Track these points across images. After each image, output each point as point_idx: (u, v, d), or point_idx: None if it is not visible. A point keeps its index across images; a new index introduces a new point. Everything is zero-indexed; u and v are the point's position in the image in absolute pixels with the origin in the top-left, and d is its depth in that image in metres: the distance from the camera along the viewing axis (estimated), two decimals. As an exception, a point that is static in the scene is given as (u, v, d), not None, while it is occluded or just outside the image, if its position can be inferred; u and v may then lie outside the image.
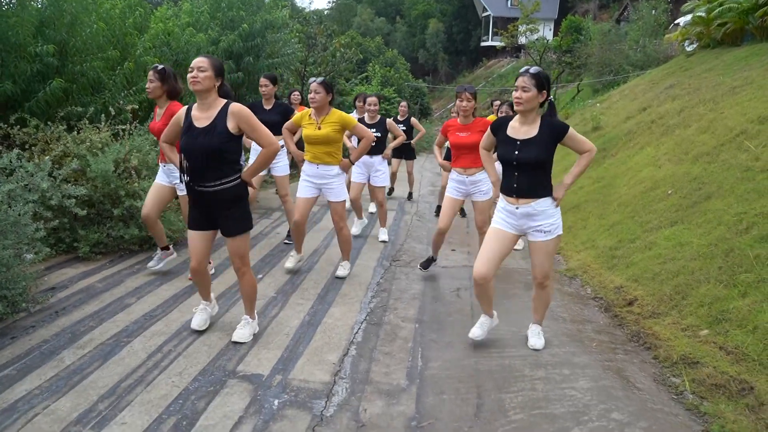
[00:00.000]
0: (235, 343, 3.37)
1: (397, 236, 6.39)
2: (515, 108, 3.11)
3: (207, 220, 3.19)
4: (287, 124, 4.61)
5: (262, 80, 5.30)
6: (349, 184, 6.03)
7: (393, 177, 8.23)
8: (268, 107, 5.34)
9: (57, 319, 3.60)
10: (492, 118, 8.67)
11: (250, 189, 3.25)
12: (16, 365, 2.99)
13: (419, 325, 3.87)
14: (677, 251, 4.39)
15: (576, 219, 6.47)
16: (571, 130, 3.14)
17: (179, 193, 4.27)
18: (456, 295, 4.51)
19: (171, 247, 4.62)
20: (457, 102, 4.49)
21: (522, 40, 23.29)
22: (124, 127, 5.35)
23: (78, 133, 5.28)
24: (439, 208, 7.73)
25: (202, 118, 3.03)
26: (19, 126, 4.97)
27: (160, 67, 4.00)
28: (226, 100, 3.07)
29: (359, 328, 3.75)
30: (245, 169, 3.17)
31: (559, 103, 20.97)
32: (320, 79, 4.38)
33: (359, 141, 4.67)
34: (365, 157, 5.95)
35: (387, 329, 3.77)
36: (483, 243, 3.35)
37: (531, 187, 3.17)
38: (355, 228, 6.27)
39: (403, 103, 8.58)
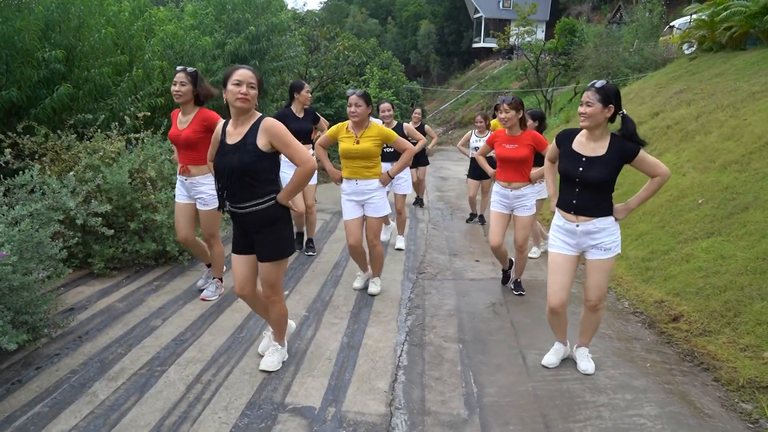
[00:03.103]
0: (264, 371, 3.15)
1: (417, 246, 6.21)
2: (581, 123, 2.94)
3: (248, 243, 2.96)
4: (321, 139, 4.35)
5: (307, 87, 5.11)
6: None
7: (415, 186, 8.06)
8: (300, 115, 5.15)
9: (82, 346, 3.36)
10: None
11: (293, 211, 3.03)
12: (47, 401, 2.76)
13: (463, 345, 3.70)
14: (720, 265, 4.27)
15: (598, 227, 6.33)
16: (642, 152, 2.95)
17: (199, 207, 4.02)
18: (492, 311, 4.35)
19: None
20: (497, 113, 4.32)
21: (516, 41, 23.21)
22: (137, 136, 5.09)
23: (89, 141, 5.04)
24: (472, 216, 7.59)
25: (234, 134, 2.79)
26: (28, 135, 4.70)
27: (191, 69, 3.76)
28: (260, 114, 2.85)
29: (402, 351, 3.57)
30: (281, 191, 2.92)
31: (556, 105, 20.98)
32: (360, 91, 4.17)
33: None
34: (385, 165, 5.76)
35: (431, 351, 3.59)
36: (550, 272, 3.20)
37: (591, 206, 3.02)
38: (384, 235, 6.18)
39: (417, 110, 8.39)
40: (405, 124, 5.86)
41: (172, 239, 4.79)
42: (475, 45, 39.66)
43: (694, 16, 14.82)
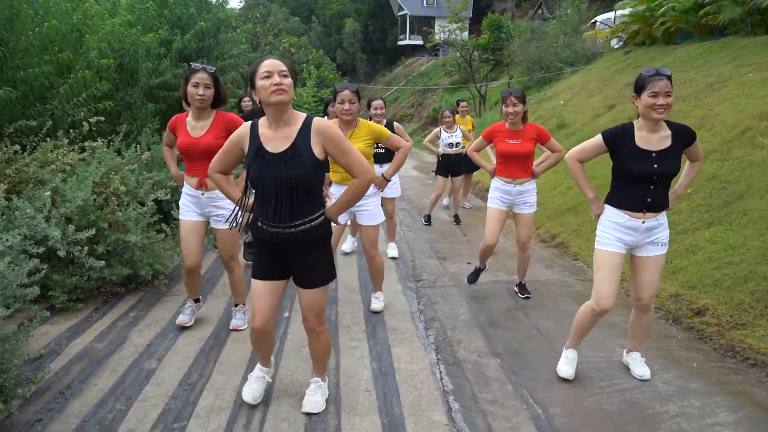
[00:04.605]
0: (308, 414, 2.72)
1: (402, 251, 5.87)
2: (657, 116, 2.69)
3: (280, 266, 2.50)
4: None
5: None
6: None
7: None
8: None
9: (68, 405, 2.75)
10: (469, 120, 8.38)
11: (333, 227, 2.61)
12: (47, 485, 2.18)
13: (500, 360, 3.41)
14: (731, 255, 4.25)
15: (581, 222, 6.28)
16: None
17: (216, 225, 3.47)
18: (512, 317, 4.10)
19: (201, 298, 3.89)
20: (503, 108, 4.06)
21: (447, 37, 23.39)
22: (95, 144, 4.40)
23: (32, 152, 4.30)
24: (428, 217, 7.31)
25: (277, 138, 2.31)
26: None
27: (211, 68, 3.22)
28: (305, 114, 2.41)
29: (441, 373, 3.22)
30: (329, 205, 2.50)
31: (490, 100, 21.31)
32: (353, 85, 3.77)
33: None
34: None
35: (470, 370, 3.28)
36: (602, 270, 2.95)
37: (662, 200, 2.85)
38: (345, 245, 5.78)
39: (379, 101, 7.82)
40: (395, 124, 5.40)
41: (146, 262, 4.18)
42: (400, 42, 39.77)
43: (621, 12, 15.49)
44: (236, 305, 3.74)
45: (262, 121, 2.37)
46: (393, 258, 5.59)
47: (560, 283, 4.87)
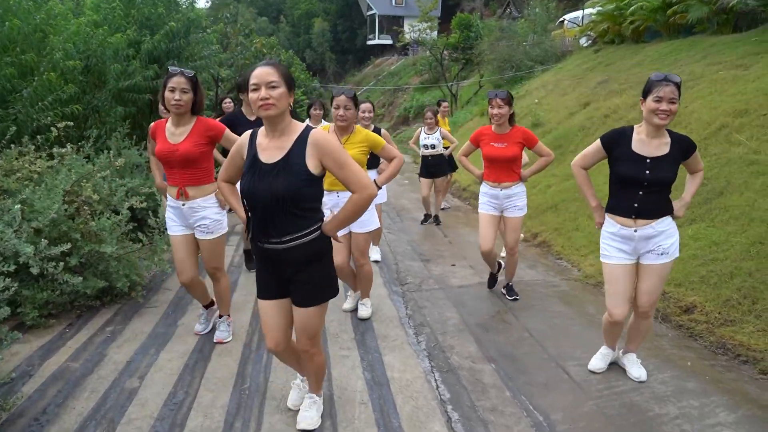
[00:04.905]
0: (304, 431, 2.60)
1: (384, 254, 5.79)
2: (659, 122, 2.67)
3: (278, 283, 2.36)
4: None
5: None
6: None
7: None
8: (252, 118, 4.47)
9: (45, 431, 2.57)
10: (446, 120, 8.36)
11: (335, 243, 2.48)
12: None
13: (495, 365, 3.35)
14: (715, 251, 4.29)
15: (562, 220, 6.30)
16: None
17: (199, 236, 3.29)
18: (502, 320, 4.05)
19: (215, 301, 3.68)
20: (489, 109, 4.02)
21: (417, 36, 23.40)
22: (63, 151, 4.17)
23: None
24: (426, 217, 7.29)
25: (272, 149, 2.19)
26: None
27: (190, 72, 3.05)
28: (304, 125, 2.27)
29: (436, 381, 3.14)
30: (327, 220, 2.34)
31: (461, 99, 21.40)
32: (350, 91, 3.65)
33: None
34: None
35: (465, 376, 3.20)
36: (611, 282, 2.94)
37: (654, 207, 2.82)
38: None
39: (367, 104, 7.66)
40: (383, 131, 5.24)
41: (122, 273, 3.99)
42: (369, 42, 39.67)
43: (590, 11, 15.74)
44: (220, 316, 3.59)
45: (262, 130, 2.26)
46: (376, 261, 5.50)
47: (546, 283, 4.85)
